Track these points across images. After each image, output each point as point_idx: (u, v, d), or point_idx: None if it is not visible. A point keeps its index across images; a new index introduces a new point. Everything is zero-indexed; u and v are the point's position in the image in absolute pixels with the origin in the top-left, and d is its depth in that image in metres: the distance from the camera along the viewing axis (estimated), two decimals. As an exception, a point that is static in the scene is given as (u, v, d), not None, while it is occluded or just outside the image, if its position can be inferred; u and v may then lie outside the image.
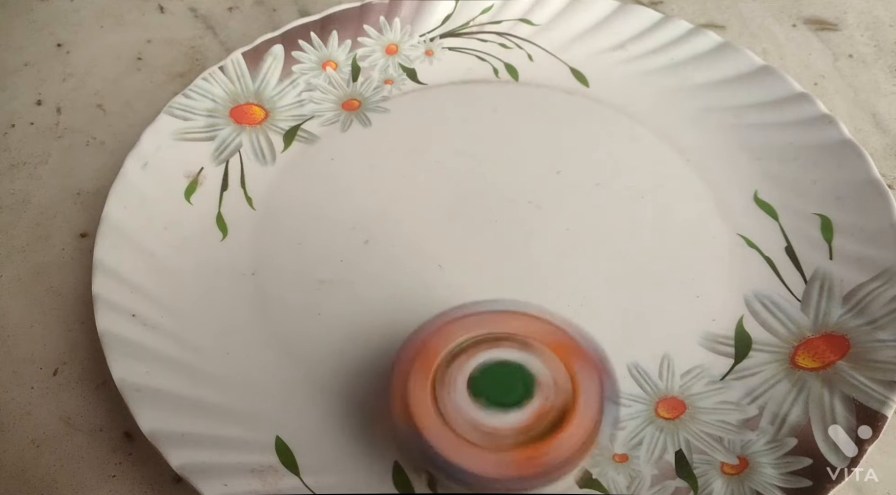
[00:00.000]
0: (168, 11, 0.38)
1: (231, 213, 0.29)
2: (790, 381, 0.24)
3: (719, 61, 0.32)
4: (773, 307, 0.26)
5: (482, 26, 0.35)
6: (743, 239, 0.28)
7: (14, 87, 0.35)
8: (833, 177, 0.28)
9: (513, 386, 0.21)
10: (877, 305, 0.24)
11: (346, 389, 0.25)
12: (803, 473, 0.21)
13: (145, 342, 0.24)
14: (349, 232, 0.29)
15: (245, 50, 0.32)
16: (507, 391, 0.21)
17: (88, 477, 0.24)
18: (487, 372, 0.21)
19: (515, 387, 0.21)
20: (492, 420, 0.20)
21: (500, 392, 0.21)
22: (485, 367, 0.21)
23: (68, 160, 0.32)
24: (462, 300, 0.25)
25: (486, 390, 0.21)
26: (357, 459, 0.23)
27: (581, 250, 0.28)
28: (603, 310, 0.26)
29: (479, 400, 0.20)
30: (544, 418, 0.20)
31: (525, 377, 0.21)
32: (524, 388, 0.21)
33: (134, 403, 0.22)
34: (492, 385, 0.21)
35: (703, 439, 0.23)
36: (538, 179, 0.30)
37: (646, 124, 0.32)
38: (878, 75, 0.35)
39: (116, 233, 0.27)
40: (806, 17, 0.38)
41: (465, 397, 0.20)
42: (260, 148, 0.31)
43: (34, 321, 0.27)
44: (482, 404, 0.20)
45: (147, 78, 0.35)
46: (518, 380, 0.21)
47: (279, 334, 0.26)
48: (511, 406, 0.20)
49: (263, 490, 0.22)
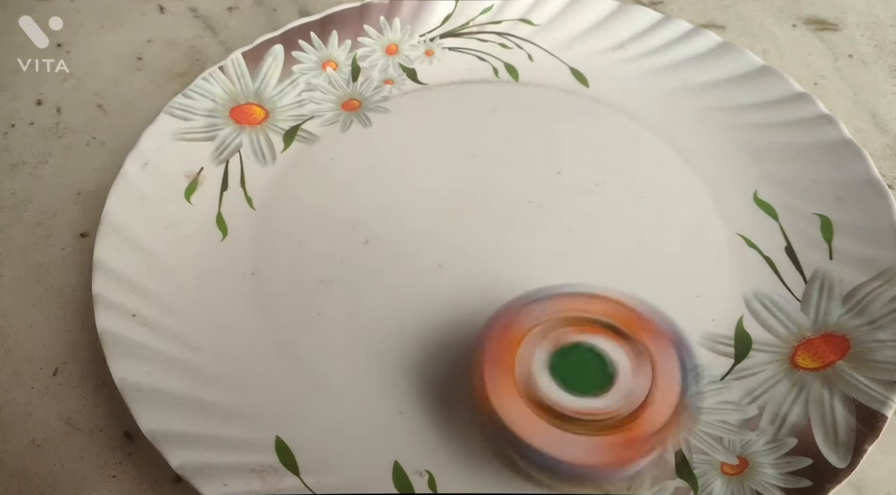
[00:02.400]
0: (168, 11, 0.38)
1: (231, 213, 0.29)
2: (790, 381, 0.24)
3: (719, 61, 0.32)
4: (773, 307, 0.26)
5: (482, 26, 0.35)
6: (743, 239, 0.28)
7: (14, 87, 0.35)
8: (833, 177, 0.28)
9: (593, 371, 0.21)
10: (877, 305, 0.24)
11: (347, 389, 0.25)
12: (803, 473, 0.21)
13: (145, 342, 0.24)
14: (349, 232, 0.29)
15: (245, 50, 0.32)
16: (589, 376, 0.21)
17: (88, 477, 0.24)
18: (567, 358, 0.21)
19: (596, 372, 0.21)
20: (575, 404, 0.20)
21: (582, 378, 0.21)
22: (564, 353, 0.21)
23: (68, 160, 0.32)
24: (462, 300, 0.25)
25: (568, 376, 0.21)
26: (357, 459, 0.23)
27: (581, 250, 0.28)
28: (603, 310, 0.26)
29: (561, 386, 0.20)
30: (627, 399, 0.20)
31: (604, 361, 0.21)
32: (604, 373, 0.20)
33: (134, 403, 0.22)
34: (573, 371, 0.21)
35: (703, 439, 0.23)
36: (538, 179, 0.30)
37: (646, 124, 0.32)
38: (878, 75, 0.35)
39: (116, 233, 0.27)
40: (806, 17, 0.38)
41: (548, 383, 0.20)
42: (260, 148, 0.31)
43: (34, 321, 0.27)
44: (564, 390, 0.20)
45: (147, 78, 0.35)
46: (598, 365, 0.21)
47: (279, 334, 0.26)
48: (593, 391, 0.20)
49: (263, 490, 0.22)
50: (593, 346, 0.21)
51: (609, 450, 0.20)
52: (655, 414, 0.20)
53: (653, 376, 0.20)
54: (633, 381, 0.20)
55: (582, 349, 0.21)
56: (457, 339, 0.25)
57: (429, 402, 0.24)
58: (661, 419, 0.20)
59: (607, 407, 0.20)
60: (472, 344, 0.22)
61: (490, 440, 0.22)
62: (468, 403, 0.23)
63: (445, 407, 0.24)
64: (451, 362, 0.25)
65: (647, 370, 0.20)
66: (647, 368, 0.20)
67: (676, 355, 0.21)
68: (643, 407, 0.20)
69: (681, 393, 0.20)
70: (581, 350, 0.21)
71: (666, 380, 0.20)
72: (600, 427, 0.20)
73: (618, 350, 0.21)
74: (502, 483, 0.22)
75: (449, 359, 0.25)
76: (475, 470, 0.23)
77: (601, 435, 0.20)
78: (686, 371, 0.20)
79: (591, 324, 0.21)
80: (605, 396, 0.20)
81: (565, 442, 0.20)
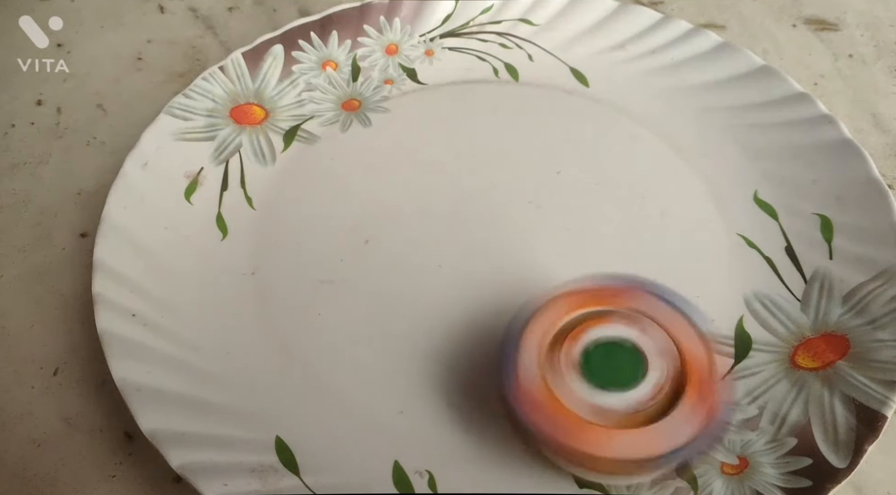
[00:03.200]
0: (168, 11, 0.38)
1: (231, 213, 0.29)
2: (790, 381, 0.24)
3: (719, 61, 0.32)
4: (772, 307, 0.26)
5: (482, 26, 0.35)
6: (743, 239, 0.28)
7: (14, 87, 0.35)
8: (833, 177, 0.28)
9: (624, 365, 0.20)
10: (877, 305, 0.24)
11: (346, 389, 0.25)
12: (803, 473, 0.21)
13: (145, 342, 0.24)
14: (349, 232, 0.29)
15: (245, 50, 0.32)
16: (620, 372, 0.20)
17: (89, 477, 0.24)
18: (596, 354, 0.21)
19: (627, 366, 0.20)
20: (609, 400, 0.20)
21: (613, 373, 0.20)
22: (593, 349, 0.21)
23: (68, 160, 0.32)
24: (462, 300, 0.25)
25: (599, 373, 0.20)
26: (357, 459, 0.23)
27: (581, 250, 0.28)
28: (603, 309, 0.26)
29: (592, 382, 0.20)
30: (663, 390, 0.20)
31: (634, 354, 0.21)
32: (636, 366, 0.20)
33: (134, 403, 0.22)
34: (603, 367, 0.20)
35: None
36: (538, 179, 0.30)
37: (646, 124, 0.32)
38: (878, 75, 0.35)
39: (116, 233, 0.27)
40: (806, 17, 0.38)
41: (579, 381, 0.20)
42: (260, 148, 0.31)
43: (34, 321, 0.27)
44: (597, 387, 0.20)
45: (147, 78, 0.35)
46: (628, 359, 0.21)
47: (279, 334, 0.26)
48: (627, 385, 0.20)
49: (263, 490, 0.22)
50: (615, 339, 0.21)
51: (650, 442, 0.20)
52: (699, 386, 0.20)
53: (683, 362, 0.20)
54: (661, 362, 0.20)
55: (606, 345, 0.21)
56: (457, 339, 0.25)
57: (429, 402, 0.24)
58: (706, 388, 0.20)
59: (649, 394, 0.20)
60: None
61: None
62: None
63: (445, 407, 0.24)
64: (452, 362, 0.25)
65: (671, 347, 0.21)
66: (675, 355, 0.21)
67: (691, 328, 0.21)
68: (684, 383, 0.20)
69: (714, 380, 0.20)
70: (606, 346, 0.21)
71: (697, 367, 0.20)
72: (639, 419, 0.20)
73: (643, 337, 0.21)
74: (503, 483, 0.22)
75: (449, 359, 0.25)
76: (475, 470, 0.23)
77: (639, 428, 0.20)
78: (706, 341, 0.21)
79: (612, 316, 0.21)
80: (644, 383, 0.20)
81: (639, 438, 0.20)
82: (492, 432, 0.23)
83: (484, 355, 0.25)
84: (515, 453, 0.23)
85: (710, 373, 0.20)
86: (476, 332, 0.26)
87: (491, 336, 0.25)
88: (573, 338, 0.21)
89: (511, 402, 0.21)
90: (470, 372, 0.25)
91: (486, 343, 0.25)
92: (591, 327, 0.21)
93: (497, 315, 0.26)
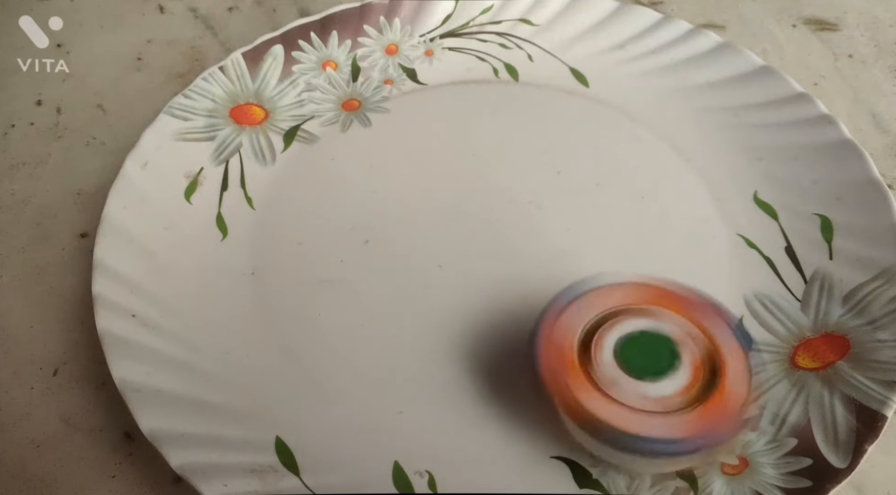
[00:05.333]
0: (168, 12, 0.38)
1: (231, 213, 0.29)
2: (790, 381, 0.24)
3: (719, 61, 0.32)
4: (772, 307, 0.26)
5: (482, 26, 0.35)
6: (743, 239, 0.28)
7: (14, 87, 0.35)
8: (833, 177, 0.28)
9: (658, 354, 0.21)
10: (877, 305, 0.24)
11: (346, 389, 0.25)
12: (803, 473, 0.21)
13: (145, 342, 0.24)
14: (349, 232, 0.29)
15: (245, 50, 0.32)
16: (656, 360, 0.21)
17: (88, 477, 0.24)
18: (629, 347, 0.21)
19: (661, 354, 0.21)
20: (651, 389, 0.21)
21: (650, 363, 0.21)
22: (624, 342, 0.21)
23: (68, 160, 0.32)
24: (462, 300, 0.25)
25: (636, 364, 0.21)
26: (357, 459, 0.23)
27: (581, 250, 0.28)
28: (603, 310, 0.26)
29: (632, 373, 0.21)
30: (699, 373, 0.20)
31: (665, 342, 0.21)
32: (670, 353, 0.21)
33: (134, 403, 0.22)
34: (638, 358, 0.21)
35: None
36: (538, 179, 0.30)
37: (646, 124, 0.32)
38: (878, 75, 0.35)
39: (116, 233, 0.27)
40: (806, 17, 0.38)
41: (619, 372, 0.21)
42: (260, 148, 0.31)
43: (34, 321, 0.27)
44: (636, 377, 0.21)
45: (147, 78, 0.35)
46: (660, 347, 0.21)
47: (279, 334, 0.26)
48: (665, 372, 0.21)
49: (263, 490, 0.22)
50: (647, 331, 0.22)
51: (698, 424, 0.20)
52: (734, 374, 0.20)
53: (713, 345, 0.21)
54: (695, 349, 0.21)
55: (639, 336, 0.22)
56: (457, 339, 0.25)
57: (429, 402, 0.24)
58: (740, 377, 0.20)
59: (682, 384, 0.21)
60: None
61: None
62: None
63: (445, 407, 0.24)
64: (452, 361, 0.25)
65: (703, 340, 0.21)
66: (702, 339, 0.21)
67: (725, 325, 0.21)
68: (720, 377, 0.20)
69: (745, 359, 0.21)
70: (639, 338, 0.22)
71: (726, 349, 0.21)
72: (682, 404, 0.20)
73: (669, 327, 0.22)
74: (503, 483, 0.22)
75: (450, 359, 0.25)
76: (475, 470, 0.23)
77: (686, 412, 0.20)
78: (735, 330, 0.21)
79: (634, 311, 0.22)
80: (680, 371, 0.21)
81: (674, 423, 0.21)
82: (492, 432, 0.23)
83: (484, 354, 0.25)
84: (516, 454, 0.23)
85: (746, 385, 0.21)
86: (476, 332, 0.26)
87: (491, 335, 0.25)
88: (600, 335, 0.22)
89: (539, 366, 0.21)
90: (470, 372, 0.25)
91: (487, 342, 0.25)
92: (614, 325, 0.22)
93: (497, 314, 0.26)
